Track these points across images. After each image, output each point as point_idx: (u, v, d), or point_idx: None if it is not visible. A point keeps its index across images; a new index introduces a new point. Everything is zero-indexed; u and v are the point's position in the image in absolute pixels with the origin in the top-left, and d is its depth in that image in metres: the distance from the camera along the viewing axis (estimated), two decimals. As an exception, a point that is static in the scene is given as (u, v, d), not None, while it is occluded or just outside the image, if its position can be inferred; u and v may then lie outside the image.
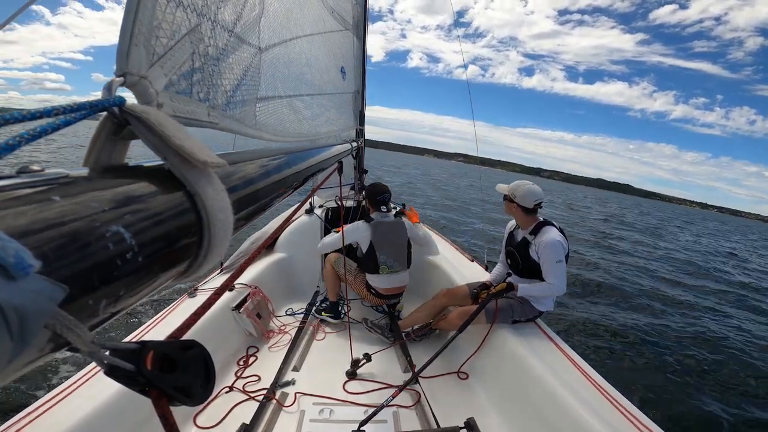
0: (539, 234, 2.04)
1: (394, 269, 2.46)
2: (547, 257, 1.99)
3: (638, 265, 9.89)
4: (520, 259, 2.12)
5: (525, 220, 2.12)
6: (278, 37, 0.93)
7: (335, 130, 1.89)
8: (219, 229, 0.39)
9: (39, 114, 0.27)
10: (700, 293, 8.20)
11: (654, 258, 11.67)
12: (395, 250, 2.48)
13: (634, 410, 1.49)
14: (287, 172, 0.77)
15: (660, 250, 13.44)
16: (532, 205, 2.07)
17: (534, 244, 2.05)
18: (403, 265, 2.52)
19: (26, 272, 0.19)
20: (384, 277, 2.48)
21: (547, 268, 2.00)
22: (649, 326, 5.43)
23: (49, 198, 0.24)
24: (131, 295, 0.30)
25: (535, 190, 2.08)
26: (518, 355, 1.85)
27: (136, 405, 1.27)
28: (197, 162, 0.36)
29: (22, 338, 0.20)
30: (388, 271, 2.46)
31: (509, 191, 2.12)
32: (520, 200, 2.07)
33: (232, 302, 2.13)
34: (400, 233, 2.55)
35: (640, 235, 17.60)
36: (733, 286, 9.62)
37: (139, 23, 0.37)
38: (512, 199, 2.10)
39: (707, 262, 12.52)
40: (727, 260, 14.39)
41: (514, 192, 2.10)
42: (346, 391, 1.89)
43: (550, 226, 2.07)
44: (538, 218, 2.12)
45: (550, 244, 1.98)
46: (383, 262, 2.45)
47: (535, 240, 2.04)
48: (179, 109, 0.44)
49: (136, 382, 0.29)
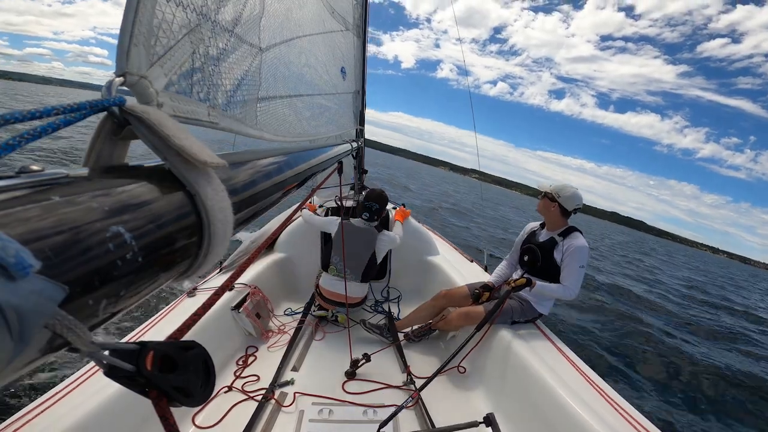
0: (569, 237, 2.05)
1: (341, 275, 2.38)
2: (573, 260, 2.00)
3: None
4: (541, 258, 2.11)
5: (558, 222, 2.12)
6: (279, 37, 0.93)
7: (335, 131, 1.89)
8: (219, 229, 0.39)
9: (39, 114, 0.27)
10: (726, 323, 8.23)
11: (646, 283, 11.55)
12: (351, 257, 2.39)
13: (632, 410, 1.49)
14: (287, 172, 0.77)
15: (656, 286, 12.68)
16: (572, 209, 2.08)
17: (561, 245, 2.05)
18: (355, 275, 2.42)
19: (26, 272, 0.19)
20: (329, 278, 2.44)
21: (568, 271, 2.01)
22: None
23: (49, 198, 0.24)
24: (131, 295, 0.30)
25: (580, 196, 2.09)
26: (517, 354, 1.85)
27: (136, 405, 1.27)
28: (197, 162, 0.36)
29: (22, 338, 0.20)
30: (335, 274, 2.42)
31: (553, 190, 2.11)
32: (564, 201, 2.07)
33: (231, 302, 2.13)
34: (364, 244, 2.45)
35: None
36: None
37: (139, 23, 0.37)
38: (554, 198, 2.09)
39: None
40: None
41: (559, 192, 2.09)
42: (345, 391, 1.89)
43: (580, 232, 2.08)
44: (568, 223, 2.13)
45: (579, 249, 2.00)
46: (334, 262, 2.42)
47: (563, 242, 2.05)
48: (179, 108, 0.44)
49: (136, 382, 0.29)
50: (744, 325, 9.35)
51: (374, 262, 2.48)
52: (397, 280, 3.10)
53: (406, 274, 3.10)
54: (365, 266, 2.45)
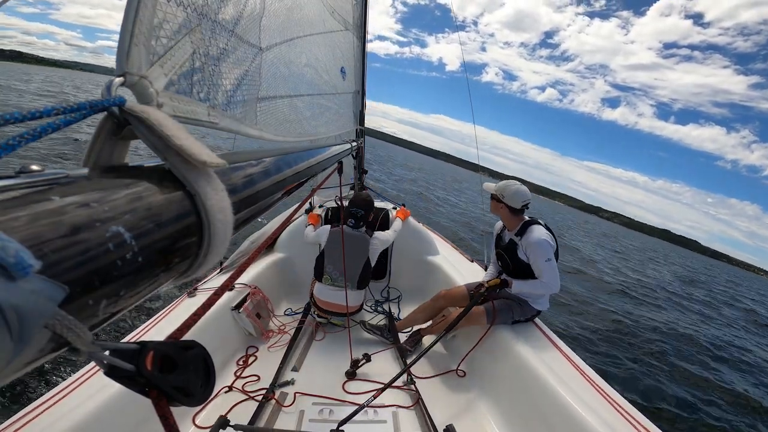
0: (525, 234, 2.02)
1: (336, 283, 2.35)
2: (536, 256, 1.97)
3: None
4: (510, 261, 2.11)
5: (511, 221, 2.10)
6: (279, 37, 0.93)
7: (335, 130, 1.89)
8: (219, 229, 0.39)
9: (39, 114, 0.27)
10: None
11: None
12: (345, 264, 2.32)
13: (631, 409, 1.49)
14: (287, 172, 0.77)
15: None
16: (519, 206, 2.05)
17: (521, 245, 2.03)
18: (350, 282, 2.36)
19: (26, 272, 0.19)
20: (324, 287, 2.39)
21: (537, 268, 1.99)
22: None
23: (49, 198, 0.24)
24: (131, 295, 0.30)
25: (524, 191, 2.06)
26: (517, 354, 1.85)
27: (136, 405, 1.27)
28: (197, 162, 0.36)
29: (22, 338, 0.20)
30: (330, 283, 2.37)
31: (497, 191, 2.10)
32: (509, 200, 2.05)
33: (231, 302, 2.13)
34: (358, 249, 2.39)
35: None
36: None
37: (139, 23, 0.37)
38: (500, 198, 2.08)
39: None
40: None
41: (502, 192, 2.07)
42: (346, 391, 1.89)
43: (536, 224, 2.05)
44: (524, 218, 2.10)
45: (536, 243, 1.96)
46: (329, 272, 2.37)
47: (521, 240, 2.03)
48: (179, 108, 0.44)
49: (136, 382, 0.29)
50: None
51: (369, 267, 2.43)
52: (397, 280, 3.10)
53: (406, 274, 3.09)
54: (360, 272, 2.40)
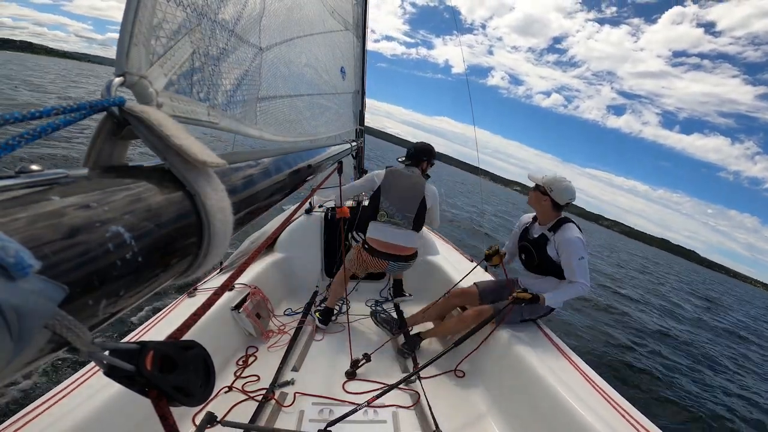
0: (560, 231, 1.98)
1: (393, 220, 2.22)
2: (569, 254, 1.93)
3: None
4: (536, 256, 2.06)
5: (549, 215, 2.05)
6: (279, 37, 0.93)
7: (335, 130, 1.89)
8: (219, 229, 0.39)
9: (39, 114, 0.27)
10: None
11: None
12: (402, 201, 2.22)
13: (632, 410, 1.49)
14: (287, 172, 0.77)
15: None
16: (564, 203, 2.01)
17: (553, 241, 1.99)
18: (407, 221, 2.24)
19: (26, 272, 0.19)
20: (380, 225, 2.24)
21: (571, 267, 1.94)
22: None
23: (49, 198, 0.24)
24: (131, 295, 0.30)
25: (573, 189, 2.02)
26: (517, 354, 1.85)
27: (136, 405, 1.27)
28: (197, 162, 0.36)
29: (22, 338, 0.20)
30: (386, 219, 2.22)
31: (545, 183, 2.03)
32: (556, 195, 1.99)
33: (231, 302, 2.12)
34: (415, 188, 2.27)
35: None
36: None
37: (138, 23, 0.37)
38: (546, 191, 2.02)
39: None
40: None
41: (551, 185, 2.01)
42: (346, 391, 1.89)
43: (571, 223, 2.01)
44: (560, 215, 2.06)
45: (572, 241, 1.92)
46: (385, 208, 2.22)
47: (554, 237, 1.99)
48: (179, 108, 0.44)
49: (136, 382, 0.29)
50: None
51: (424, 210, 2.28)
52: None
53: (406, 274, 3.09)
54: (416, 212, 2.25)
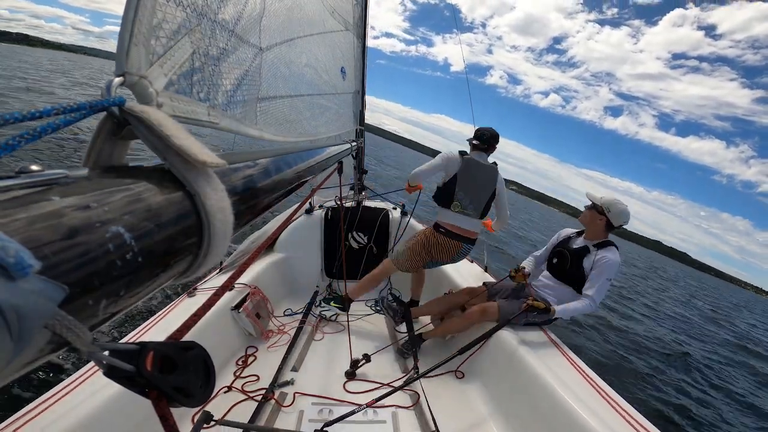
0: (605, 249, 2.06)
1: (465, 211, 2.36)
2: (602, 272, 2.01)
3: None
4: (570, 264, 2.13)
5: (600, 235, 2.14)
6: (279, 37, 0.93)
7: (335, 131, 1.89)
8: (219, 229, 0.39)
9: (39, 114, 0.27)
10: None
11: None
12: (476, 193, 2.36)
13: (633, 411, 1.49)
14: (287, 172, 0.77)
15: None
16: (618, 225, 2.11)
17: (593, 255, 2.07)
18: (477, 211, 2.39)
19: (26, 272, 0.19)
20: (453, 214, 2.37)
21: (595, 282, 2.02)
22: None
23: (49, 198, 0.24)
24: (131, 295, 0.30)
25: (628, 214, 2.12)
26: (518, 356, 1.85)
27: (136, 405, 1.26)
28: (197, 162, 0.36)
29: (22, 338, 0.20)
30: (459, 210, 2.35)
31: (603, 204, 2.13)
32: (613, 217, 2.09)
33: (231, 302, 2.12)
34: (488, 180, 2.40)
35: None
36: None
37: (138, 23, 0.37)
38: (604, 211, 2.11)
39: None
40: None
41: (609, 207, 2.11)
42: (346, 391, 1.89)
43: (616, 247, 2.10)
44: (608, 236, 2.16)
45: (613, 263, 2.02)
46: (459, 199, 2.34)
47: (597, 252, 2.07)
48: (179, 108, 0.44)
49: (136, 382, 0.29)
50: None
51: (493, 198, 2.44)
52: (398, 280, 3.10)
53: (406, 275, 3.09)
54: (485, 203, 2.40)
